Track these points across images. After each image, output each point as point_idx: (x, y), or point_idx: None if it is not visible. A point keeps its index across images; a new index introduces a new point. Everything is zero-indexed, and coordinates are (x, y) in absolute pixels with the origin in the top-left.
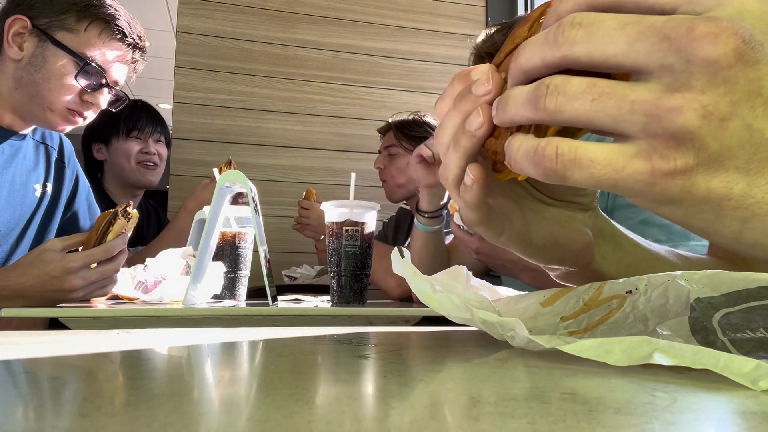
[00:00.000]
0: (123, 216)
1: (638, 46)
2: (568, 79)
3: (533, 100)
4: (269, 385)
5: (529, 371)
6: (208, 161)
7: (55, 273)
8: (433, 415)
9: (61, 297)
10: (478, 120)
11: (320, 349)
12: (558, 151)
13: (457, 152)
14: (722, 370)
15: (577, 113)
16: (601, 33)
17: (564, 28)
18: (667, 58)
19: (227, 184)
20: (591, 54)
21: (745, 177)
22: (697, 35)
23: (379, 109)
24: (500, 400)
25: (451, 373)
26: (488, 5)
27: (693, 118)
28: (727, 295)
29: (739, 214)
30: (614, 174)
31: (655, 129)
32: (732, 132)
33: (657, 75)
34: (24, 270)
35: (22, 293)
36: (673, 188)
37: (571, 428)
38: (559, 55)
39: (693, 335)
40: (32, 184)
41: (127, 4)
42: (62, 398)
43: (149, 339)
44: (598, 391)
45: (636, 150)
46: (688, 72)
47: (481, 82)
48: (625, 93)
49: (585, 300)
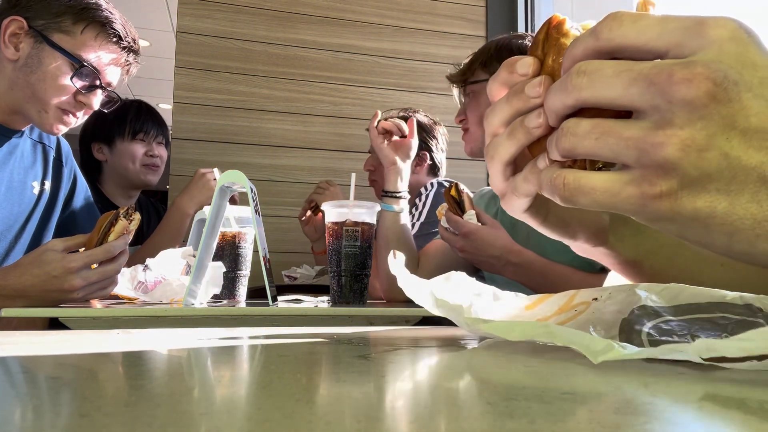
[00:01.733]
0: (125, 217)
1: (631, 90)
2: (579, 121)
3: (555, 141)
4: (269, 385)
5: (529, 371)
6: (208, 161)
7: (55, 273)
8: (433, 414)
9: (62, 297)
10: (537, 120)
11: (320, 349)
12: (564, 181)
13: (511, 141)
14: (582, 348)
15: (586, 149)
16: (602, 80)
17: (572, 76)
18: (654, 99)
19: (227, 184)
20: (596, 98)
21: (726, 197)
22: (675, 80)
23: (379, 109)
24: (500, 400)
25: (450, 374)
26: (488, 5)
27: (674, 151)
28: (678, 307)
29: (726, 229)
30: (612, 198)
31: (645, 160)
32: (710, 161)
33: (648, 114)
34: (25, 269)
35: (22, 293)
36: (662, 209)
37: (571, 428)
38: (572, 100)
39: (619, 334)
40: (30, 181)
41: (127, 4)
42: (62, 398)
43: (149, 339)
44: (598, 391)
45: (630, 178)
46: (670, 111)
47: (534, 85)
48: (621, 131)
49: (560, 305)
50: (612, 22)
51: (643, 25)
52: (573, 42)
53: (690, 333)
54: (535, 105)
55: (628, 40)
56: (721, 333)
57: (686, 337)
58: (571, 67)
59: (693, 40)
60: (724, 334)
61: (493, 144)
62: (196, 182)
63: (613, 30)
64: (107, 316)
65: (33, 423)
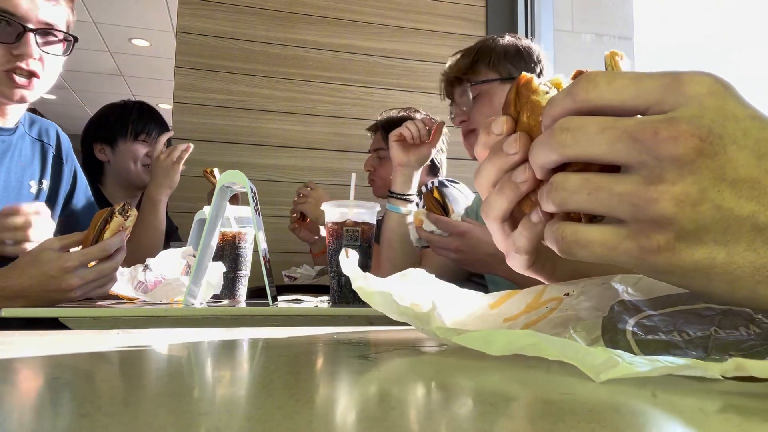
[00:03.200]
0: (120, 214)
1: (617, 147)
2: (567, 176)
3: (545, 195)
4: (269, 385)
5: (529, 371)
6: (208, 161)
7: (52, 272)
8: (433, 414)
9: (60, 296)
10: (523, 175)
11: (320, 349)
12: (562, 234)
13: (502, 197)
14: (579, 363)
15: (578, 204)
16: (586, 137)
17: (555, 133)
18: (641, 156)
19: (227, 184)
20: (581, 154)
21: (724, 248)
22: (661, 138)
23: (379, 109)
24: (500, 400)
25: (451, 374)
26: (488, 5)
27: (668, 206)
28: (655, 300)
29: (727, 278)
30: (609, 252)
31: (640, 215)
32: (704, 213)
33: (636, 168)
34: (22, 270)
35: (21, 293)
36: (661, 262)
37: (571, 428)
38: (557, 156)
39: (602, 335)
40: (27, 180)
41: (127, 4)
42: (62, 398)
43: (149, 339)
44: (597, 391)
45: (627, 232)
46: (660, 167)
47: (510, 143)
48: (612, 187)
49: (528, 302)
50: (587, 84)
51: (618, 86)
52: (550, 102)
53: (676, 328)
54: (515, 161)
55: (605, 101)
56: (709, 326)
57: (673, 333)
58: (552, 125)
59: (672, 97)
60: (713, 328)
61: (486, 203)
62: (155, 168)
63: (590, 92)
64: (107, 316)
65: (33, 423)
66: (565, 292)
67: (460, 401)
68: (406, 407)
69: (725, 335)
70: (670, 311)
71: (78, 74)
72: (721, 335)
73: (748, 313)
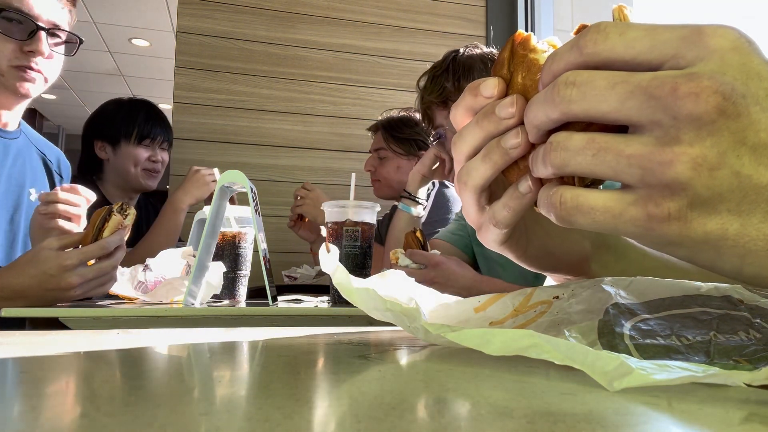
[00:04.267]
0: (119, 212)
1: (629, 104)
2: (570, 135)
3: (542, 156)
4: (269, 385)
5: (529, 371)
6: (208, 161)
7: (51, 272)
8: (433, 414)
9: (60, 295)
10: (515, 140)
11: (320, 349)
12: (561, 199)
13: (487, 164)
14: (588, 368)
15: (581, 166)
16: (594, 92)
17: (559, 87)
18: (655, 115)
19: (227, 184)
20: (587, 111)
21: (738, 218)
22: (680, 94)
23: (379, 109)
24: (500, 400)
25: (451, 373)
26: (488, 5)
27: (684, 170)
28: (649, 303)
29: (738, 252)
30: (613, 220)
31: (651, 180)
32: (721, 180)
33: (649, 129)
34: (21, 270)
35: (21, 293)
36: (670, 232)
37: (571, 428)
38: (559, 112)
39: (599, 338)
40: (28, 187)
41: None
42: (63, 398)
43: (149, 339)
44: (598, 392)
45: (634, 198)
46: (676, 127)
47: (505, 105)
48: (621, 148)
49: (515, 305)
50: (596, 35)
51: (631, 37)
52: (551, 56)
53: (674, 333)
54: (508, 126)
55: (616, 54)
56: (708, 331)
57: (671, 338)
58: (552, 81)
59: (691, 51)
60: (712, 332)
61: (466, 170)
62: (191, 178)
63: (599, 43)
64: (107, 316)
65: (33, 423)
66: (554, 295)
67: (460, 401)
68: (406, 407)
69: (726, 340)
70: (666, 315)
71: (78, 74)
72: (722, 340)
73: (745, 317)
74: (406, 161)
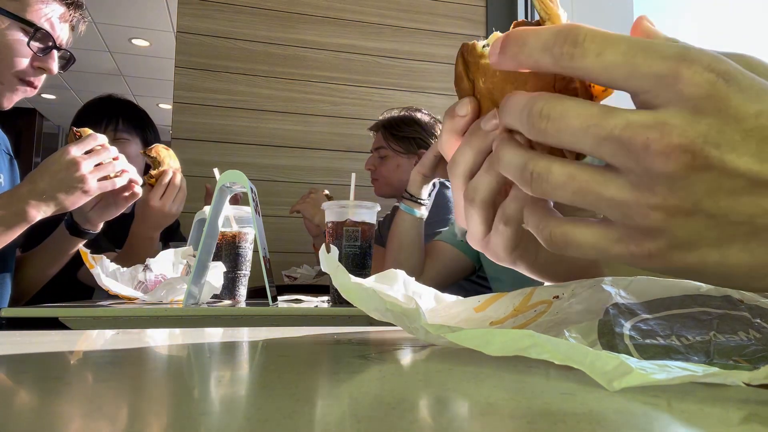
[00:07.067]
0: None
1: (603, 149)
2: (550, 167)
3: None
4: (269, 385)
5: (529, 371)
6: (208, 161)
7: (59, 167)
8: (432, 415)
9: (78, 189)
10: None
11: (320, 349)
12: (551, 235)
13: (491, 175)
14: (587, 368)
15: (563, 199)
16: (569, 131)
17: (533, 119)
18: (629, 163)
19: (227, 184)
20: (563, 144)
21: (717, 250)
22: (651, 152)
23: (379, 109)
24: (500, 400)
25: (450, 373)
26: (488, 5)
27: (659, 219)
28: (649, 303)
29: (720, 276)
30: (601, 254)
31: (630, 223)
32: (697, 223)
33: (624, 172)
34: (35, 177)
35: (50, 192)
36: (653, 265)
37: (571, 428)
38: (535, 139)
39: (599, 338)
40: None
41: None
42: (63, 398)
43: (149, 339)
44: (598, 392)
45: (617, 236)
46: (649, 177)
47: (488, 119)
48: (600, 191)
49: (515, 305)
50: (573, 49)
51: (609, 61)
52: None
53: (674, 333)
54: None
55: (591, 75)
56: (708, 331)
57: (671, 338)
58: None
59: (665, 92)
60: (712, 333)
61: (471, 187)
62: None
63: (575, 60)
64: (107, 316)
65: (33, 423)
66: (554, 294)
67: (460, 401)
68: (406, 407)
69: (725, 340)
70: (666, 315)
71: (78, 74)
72: (721, 340)
73: (745, 317)
74: (406, 160)
